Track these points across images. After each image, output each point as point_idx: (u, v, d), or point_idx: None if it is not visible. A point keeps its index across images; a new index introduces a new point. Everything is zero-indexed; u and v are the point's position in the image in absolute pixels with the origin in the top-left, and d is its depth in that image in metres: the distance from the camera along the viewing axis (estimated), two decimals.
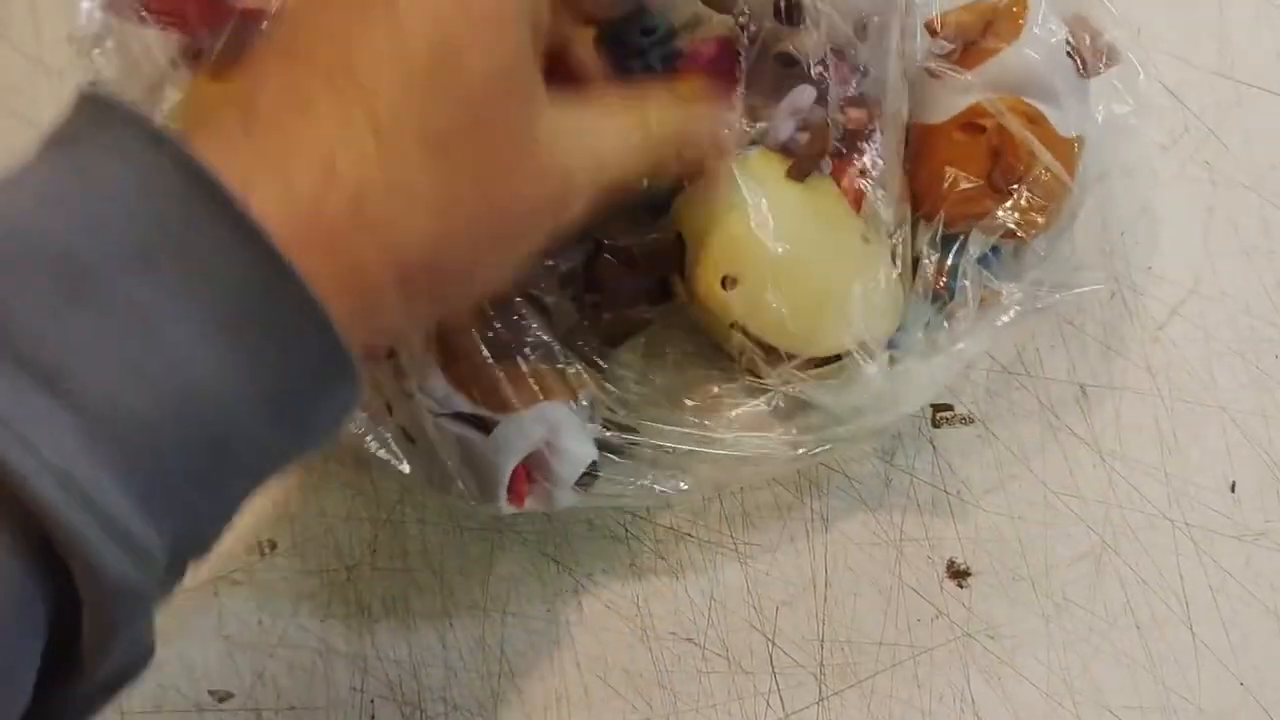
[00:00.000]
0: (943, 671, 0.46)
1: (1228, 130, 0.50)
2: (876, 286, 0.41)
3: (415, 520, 0.48)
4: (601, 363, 0.44)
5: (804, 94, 0.42)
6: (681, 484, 0.44)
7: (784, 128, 0.44)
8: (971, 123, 0.42)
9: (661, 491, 0.44)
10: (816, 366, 0.42)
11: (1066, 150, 0.42)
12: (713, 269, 0.42)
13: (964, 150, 0.42)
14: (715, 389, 0.45)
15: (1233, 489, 0.47)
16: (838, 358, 0.42)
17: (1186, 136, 0.50)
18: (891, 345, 0.42)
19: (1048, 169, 0.40)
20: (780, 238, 0.41)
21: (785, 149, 0.45)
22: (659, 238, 0.44)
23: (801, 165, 0.43)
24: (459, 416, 0.42)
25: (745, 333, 0.42)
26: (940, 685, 0.46)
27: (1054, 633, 0.46)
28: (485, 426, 0.41)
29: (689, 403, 0.46)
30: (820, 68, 0.42)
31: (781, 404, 0.44)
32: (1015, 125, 0.41)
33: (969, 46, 0.42)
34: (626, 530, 0.48)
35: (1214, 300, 0.49)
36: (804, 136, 0.43)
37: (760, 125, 0.44)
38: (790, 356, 0.43)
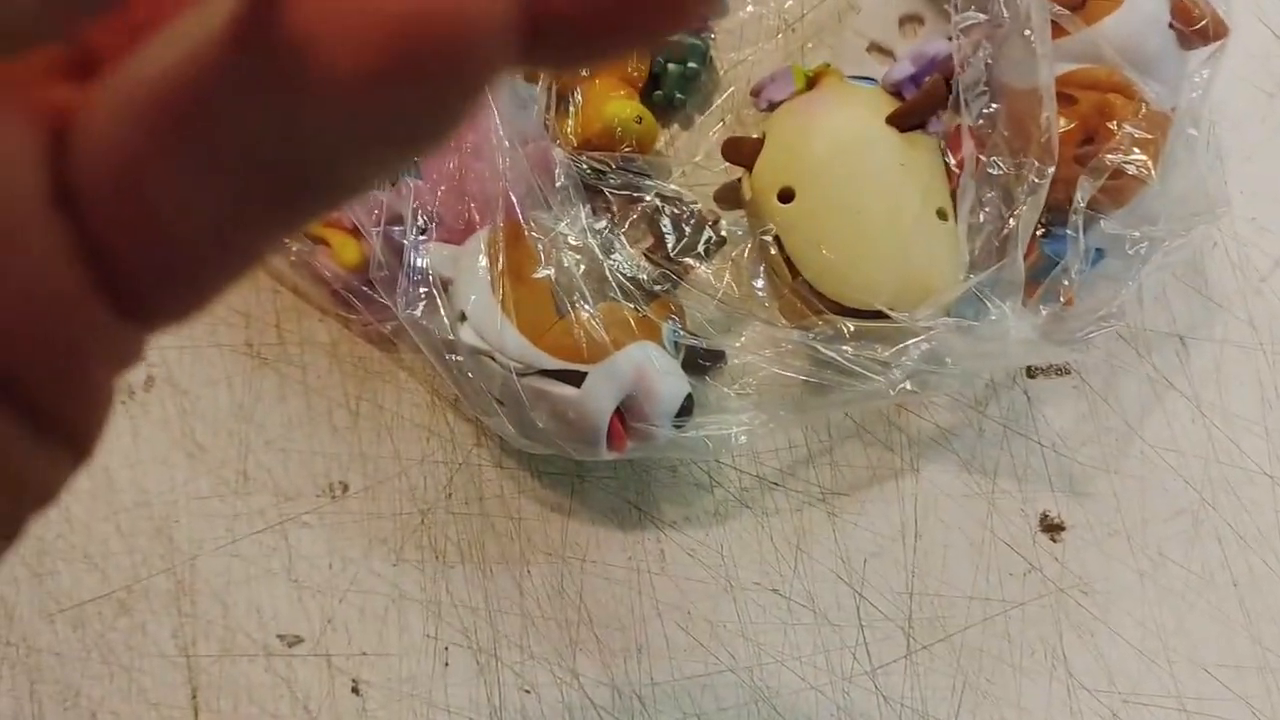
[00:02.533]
0: (1034, 627, 0.45)
1: None
2: (930, 261, 0.40)
3: (492, 464, 0.47)
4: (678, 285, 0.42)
5: (934, 43, 0.41)
6: (766, 421, 0.42)
7: (900, 69, 0.43)
8: (1063, 93, 0.40)
9: (747, 429, 0.43)
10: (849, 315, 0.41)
11: (1159, 125, 0.41)
12: (774, 172, 0.41)
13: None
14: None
15: None
16: (874, 315, 0.41)
17: None
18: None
19: (1136, 163, 0.39)
20: (851, 174, 0.40)
21: (897, 93, 0.44)
22: (743, 138, 0.43)
23: (904, 114, 0.42)
24: (545, 373, 0.40)
25: (781, 249, 0.41)
26: (1031, 641, 0.45)
27: (1149, 589, 0.45)
28: (575, 380, 0.40)
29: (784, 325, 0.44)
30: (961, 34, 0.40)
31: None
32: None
33: (1072, 11, 0.41)
34: (711, 478, 0.46)
35: None
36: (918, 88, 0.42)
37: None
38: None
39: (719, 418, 0.44)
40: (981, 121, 0.39)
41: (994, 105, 0.39)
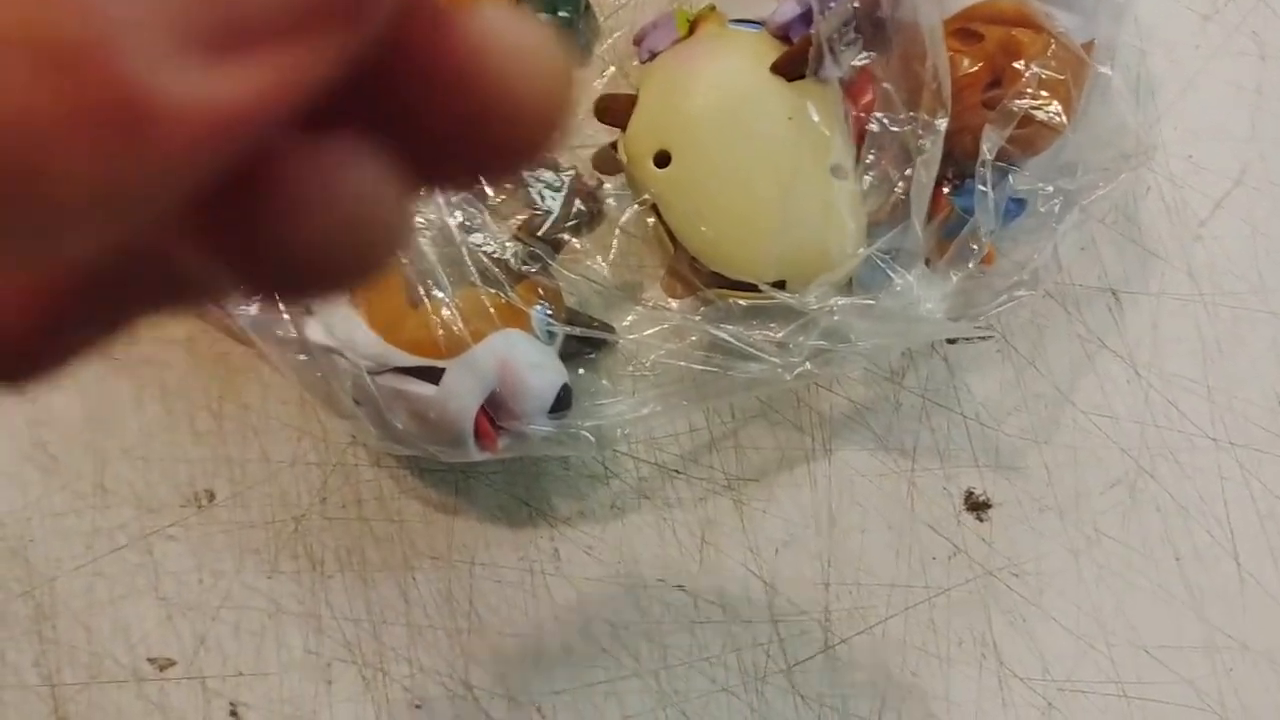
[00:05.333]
0: (961, 614, 0.42)
1: None
2: (824, 226, 0.36)
3: (369, 463, 0.43)
4: (550, 265, 0.38)
5: None
6: (656, 406, 0.38)
7: (786, 9, 0.38)
8: (967, 29, 0.36)
9: (637, 419, 0.39)
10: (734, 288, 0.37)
11: (1072, 63, 0.37)
12: (649, 133, 0.37)
13: (960, 62, 0.36)
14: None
15: None
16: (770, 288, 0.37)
17: (1231, 4, 0.44)
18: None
19: (1047, 109, 0.34)
20: (732, 133, 0.36)
21: (785, 36, 0.39)
22: (616, 94, 0.39)
23: (790, 61, 0.37)
24: (400, 371, 0.36)
25: (660, 219, 0.37)
26: (959, 629, 0.42)
27: (1084, 568, 0.42)
28: (432, 376, 0.36)
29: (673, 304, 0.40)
30: None
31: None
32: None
33: None
34: (606, 469, 0.43)
35: (1262, 192, 0.43)
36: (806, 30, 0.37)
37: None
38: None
39: (607, 407, 0.40)
40: (864, 67, 0.35)
41: (869, 53, 0.35)
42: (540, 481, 0.43)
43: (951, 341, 0.42)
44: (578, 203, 0.39)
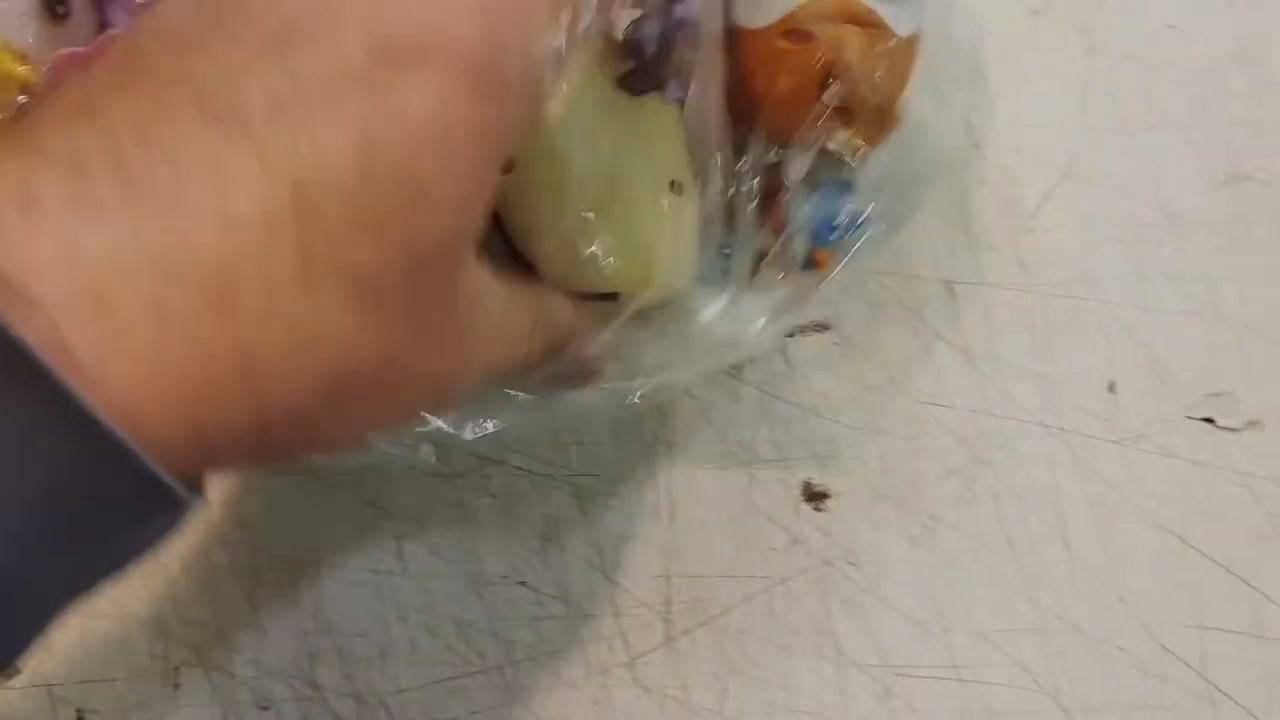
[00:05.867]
0: (800, 603, 0.42)
1: None
2: (653, 239, 0.36)
3: None
4: None
5: None
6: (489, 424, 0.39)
7: (623, 17, 0.38)
8: (796, 29, 0.36)
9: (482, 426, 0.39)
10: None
11: (904, 55, 0.37)
12: None
13: (791, 62, 0.37)
14: None
15: (1112, 389, 0.43)
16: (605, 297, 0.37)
17: None
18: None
19: (874, 93, 0.35)
20: (573, 141, 0.36)
21: (633, 51, 0.39)
22: None
23: (636, 76, 0.37)
24: None
25: (500, 227, 0.37)
26: (798, 618, 0.42)
27: (920, 556, 0.42)
28: None
29: None
30: None
31: None
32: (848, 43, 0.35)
33: None
34: (450, 467, 0.43)
35: (1091, 183, 0.44)
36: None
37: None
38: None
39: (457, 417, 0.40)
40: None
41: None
42: (385, 482, 0.43)
43: (789, 335, 0.43)
44: None
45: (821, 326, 0.43)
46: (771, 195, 0.38)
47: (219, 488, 0.43)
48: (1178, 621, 0.42)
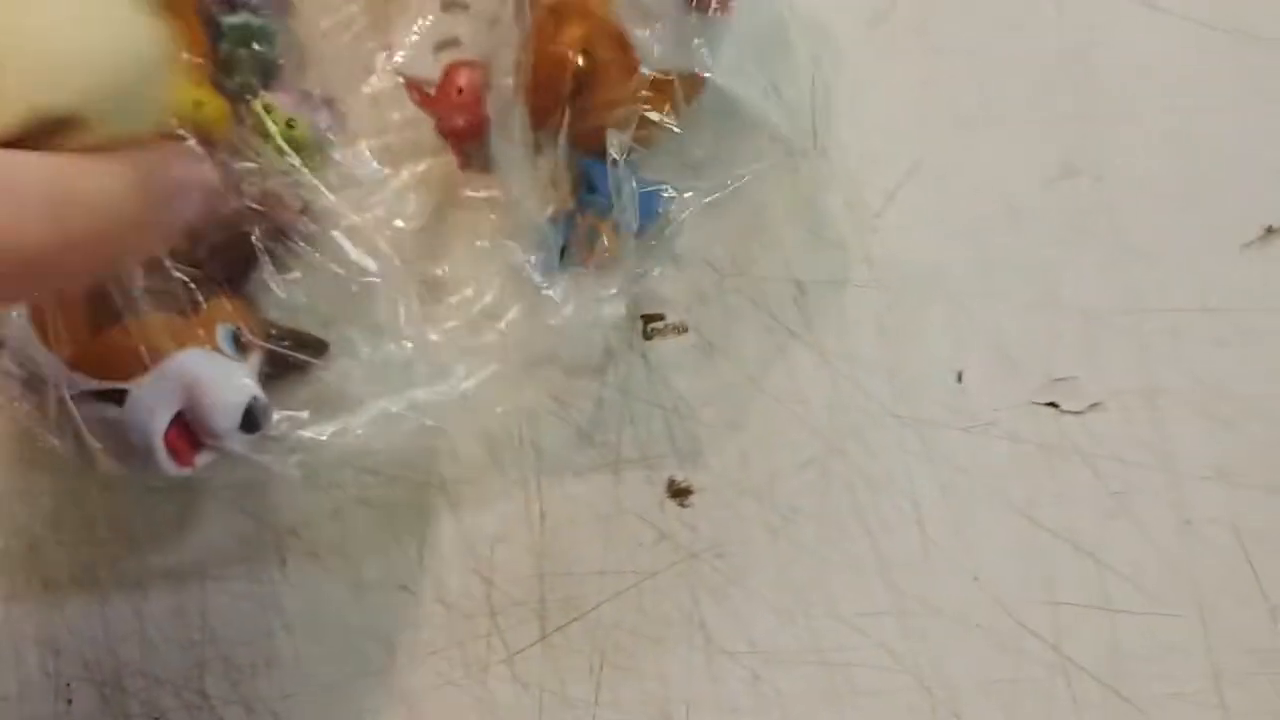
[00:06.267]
0: (669, 596, 0.44)
1: None
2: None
3: (99, 487, 0.45)
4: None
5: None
6: (357, 428, 0.40)
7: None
8: (559, 12, 0.38)
9: (346, 434, 0.41)
10: None
11: (663, 87, 0.38)
12: None
13: (552, 42, 0.38)
14: None
15: (959, 379, 0.45)
16: None
17: (898, 6, 0.46)
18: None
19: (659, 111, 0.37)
20: None
21: None
22: None
23: None
24: (89, 394, 0.38)
25: None
26: (668, 610, 0.44)
27: (782, 545, 0.44)
28: (119, 398, 0.38)
29: None
30: None
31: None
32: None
33: None
34: (328, 479, 0.45)
35: (932, 181, 0.46)
36: None
37: None
38: None
39: (323, 425, 0.42)
40: None
41: None
42: (265, 494, 0.44)
43: (648, 337, 0.45)
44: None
45: (679, 328, 0.45)
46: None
47: (100, 507, 0.44)
48: (1031, 598, 0.44)
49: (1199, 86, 0.46)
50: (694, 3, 0.37)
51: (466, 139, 0.41)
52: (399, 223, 0.44)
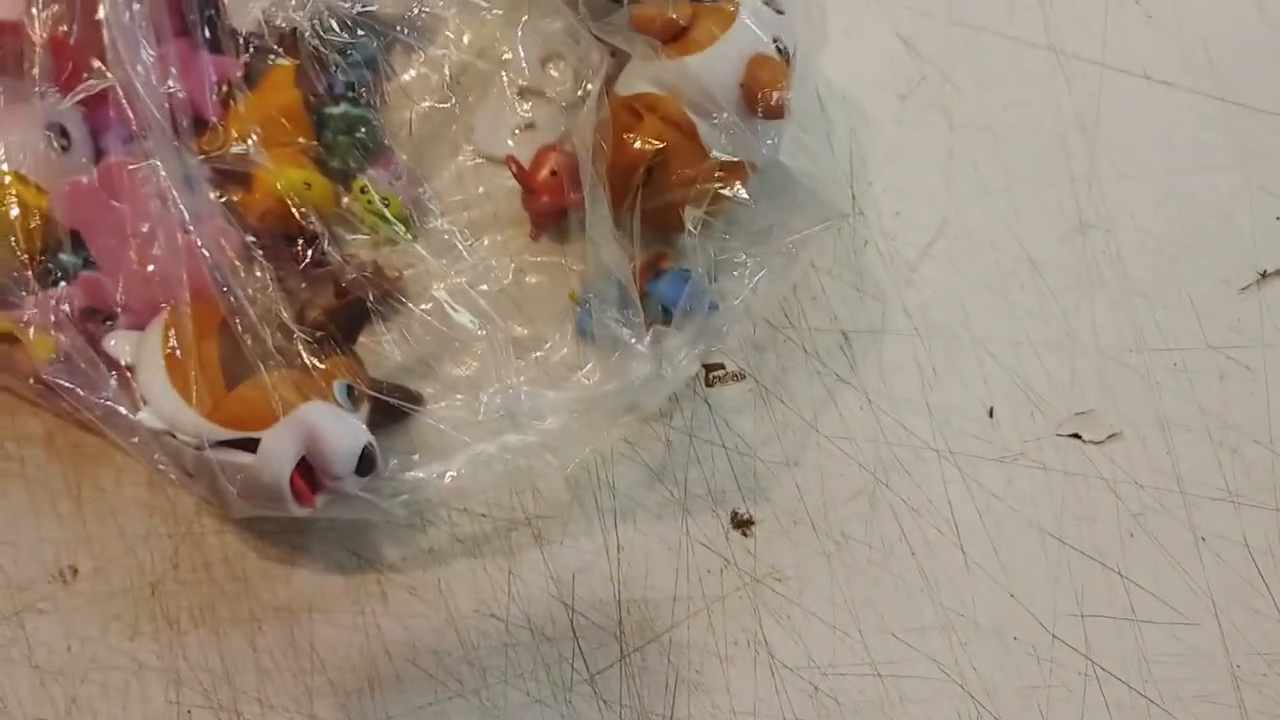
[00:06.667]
0: (735, 617, 0.49)
1: (961, 75, 0.53)
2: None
3: (214, 530, 0.49)
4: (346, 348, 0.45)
5: None
6: (455, 471, 0.45)
7: None
8: (633, 107, 0.43)
9: (445, 475, 0.46)
10: None
11: (732, 168, 0.43)
12: None
13: (626, 135, 0.43)
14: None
15: (990, 414, 0.50)
16: None
17: (923, 84, 0.52)
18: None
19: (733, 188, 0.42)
20: None
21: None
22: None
23: None
24: (225, 444, 0.42)
25: None
26: (734, 630, 0.48)
27: (835, 568, 0.49)
28: (251, 447, 0.42)
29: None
30: None
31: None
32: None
33: (681, 32, 0.43)
34: (422, 518, 0.49)
35: (960, 239, 0.51)
36: None
37: None
38: None
39: (416, 475, 0.46)
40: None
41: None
42: (367, 534, 0.49)
43: (710, 385, 0.50)
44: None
45: (738, 376, 0.50)
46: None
47: (215, 548, 0.49)
48: (1062, 611, 0.49)
49: (1195, 149, 0.51)
50: (760, 112, 0.42)
51: (551, 215, 0.47)
52: (484, 286, 0.49)
